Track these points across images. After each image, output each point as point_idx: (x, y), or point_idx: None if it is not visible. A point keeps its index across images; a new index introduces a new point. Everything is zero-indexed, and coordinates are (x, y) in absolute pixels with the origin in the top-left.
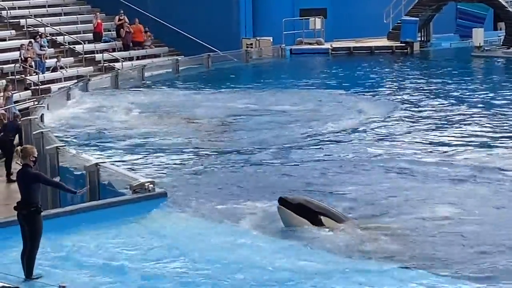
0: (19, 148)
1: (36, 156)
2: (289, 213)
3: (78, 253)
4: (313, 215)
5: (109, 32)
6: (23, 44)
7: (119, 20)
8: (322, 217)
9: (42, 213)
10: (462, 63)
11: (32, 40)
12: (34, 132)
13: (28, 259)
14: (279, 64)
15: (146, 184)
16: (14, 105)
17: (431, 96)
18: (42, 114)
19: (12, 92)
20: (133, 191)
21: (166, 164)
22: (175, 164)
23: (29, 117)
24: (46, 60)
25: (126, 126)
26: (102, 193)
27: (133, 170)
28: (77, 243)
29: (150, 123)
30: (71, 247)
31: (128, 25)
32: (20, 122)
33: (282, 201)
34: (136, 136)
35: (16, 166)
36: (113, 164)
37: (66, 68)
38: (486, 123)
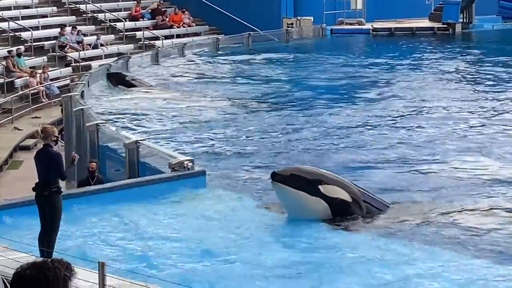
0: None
1: (57, 136)
2: (283, 187)
3: (116, 230)
4: (310, 185)
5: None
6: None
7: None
8: (320, 186)
9: (83, 189)
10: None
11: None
12: (74, 109)
13: (48, 241)
14: (321, 43)
15: (185, 162)
16: (52, 82)
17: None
18: (83, 91)
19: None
20: (172, 169)
21: (206, 141)
22: (215, 141)
23: (69, 94)
24: (85, 38)
25: (166, 104)
26: (141, 170)
27: (173, 147)
28: (116, 219)
29: (190, 99)
30: (111, 223)
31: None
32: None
33: (275, 176)
34: (176, 113)
35: None
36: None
37: (107, 45)
38: None
